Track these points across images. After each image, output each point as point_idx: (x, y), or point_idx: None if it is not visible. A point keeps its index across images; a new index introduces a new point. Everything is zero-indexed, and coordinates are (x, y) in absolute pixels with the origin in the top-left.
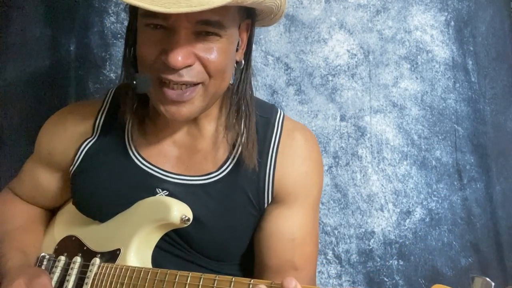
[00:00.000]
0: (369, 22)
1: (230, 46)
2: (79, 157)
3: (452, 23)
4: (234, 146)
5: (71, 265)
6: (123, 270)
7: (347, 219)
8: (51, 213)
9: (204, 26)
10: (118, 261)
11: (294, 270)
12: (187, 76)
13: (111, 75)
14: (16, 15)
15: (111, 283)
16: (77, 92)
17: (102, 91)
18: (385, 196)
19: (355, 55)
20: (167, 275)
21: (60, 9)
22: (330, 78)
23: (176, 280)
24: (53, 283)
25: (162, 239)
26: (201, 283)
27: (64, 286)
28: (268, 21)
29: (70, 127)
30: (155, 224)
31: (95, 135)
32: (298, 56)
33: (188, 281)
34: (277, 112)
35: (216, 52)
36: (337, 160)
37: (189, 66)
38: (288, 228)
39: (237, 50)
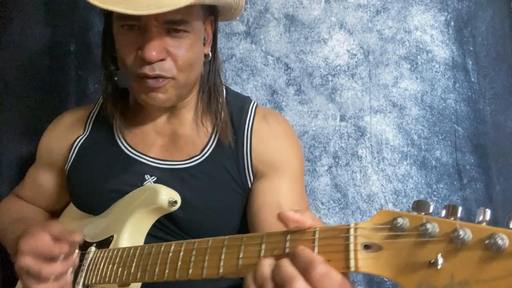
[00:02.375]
0: (369, 22)
1: (197, 41)
2: (72, 153)
3: (452, 23)
4: (213, 130)
5: None
6: (115, 251)
7: (347, 219)
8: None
9: (172, 24)
10: (111, 246)
11: None
12: (158, 70)
13: None
14: (16, 15)
15: (104, 265)
16: (77, 92)
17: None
18: (385, 196)
19: (355, 55)
20: (154, 248)
21: (60, 9)
22: (330, 78)
23: (161, 249)
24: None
25: (154, 226)
26: (195, 246)
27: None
28: (229, 16)
29: (65, 127)
30: (145, 209)
31: (86, 132)
32: (298, 56)
33: (172, 249)
34: (251, 101)
35: (184, 48)
36: (337, 160)
37: (162, 60)
38: (274, 198)
39: (204, 44)
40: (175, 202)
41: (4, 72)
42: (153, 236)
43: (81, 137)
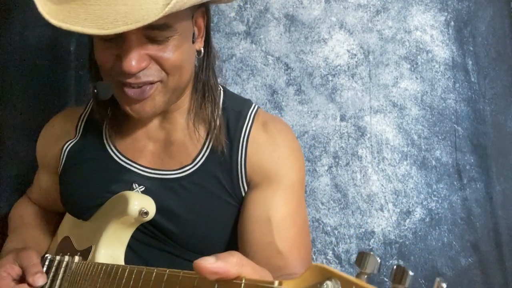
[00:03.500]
0: (369, 22)
1: (184, 41)
2: (63, 157)
3: (452, 23)
4: (206, 136)
5: (60, 264)
6: (87, 266)
7: (347, 219)
8: (59, 216)
9: (154, 30)
10: (89, 258)
11: (278, 254)
12: (143, 77)
13: None
14: (16, 15)
15: (80, 279)
16: (77, 92)
17: None
18: (385, 196)
19: (355, 55)
20: (113, 270)
21: None
22: (330, 78)
23: (118, 273)
24: (48, 281)
25: (146, 234)
26: (142, 276)
27: (54, 284)
28: (225, 0)
29: (57, 130)
30: (118, 219)
31: (77, 136)
32: (298, 56)
33: (133, 276)
34: (250, 106)
35: (170, 50)
36: (337, 160)
37: (145, 68)
38: (263, 210)
39: (194, 41)
40: (146, 213)
41: (4, 72)
42: (141, 242)
43: (71, 141)
